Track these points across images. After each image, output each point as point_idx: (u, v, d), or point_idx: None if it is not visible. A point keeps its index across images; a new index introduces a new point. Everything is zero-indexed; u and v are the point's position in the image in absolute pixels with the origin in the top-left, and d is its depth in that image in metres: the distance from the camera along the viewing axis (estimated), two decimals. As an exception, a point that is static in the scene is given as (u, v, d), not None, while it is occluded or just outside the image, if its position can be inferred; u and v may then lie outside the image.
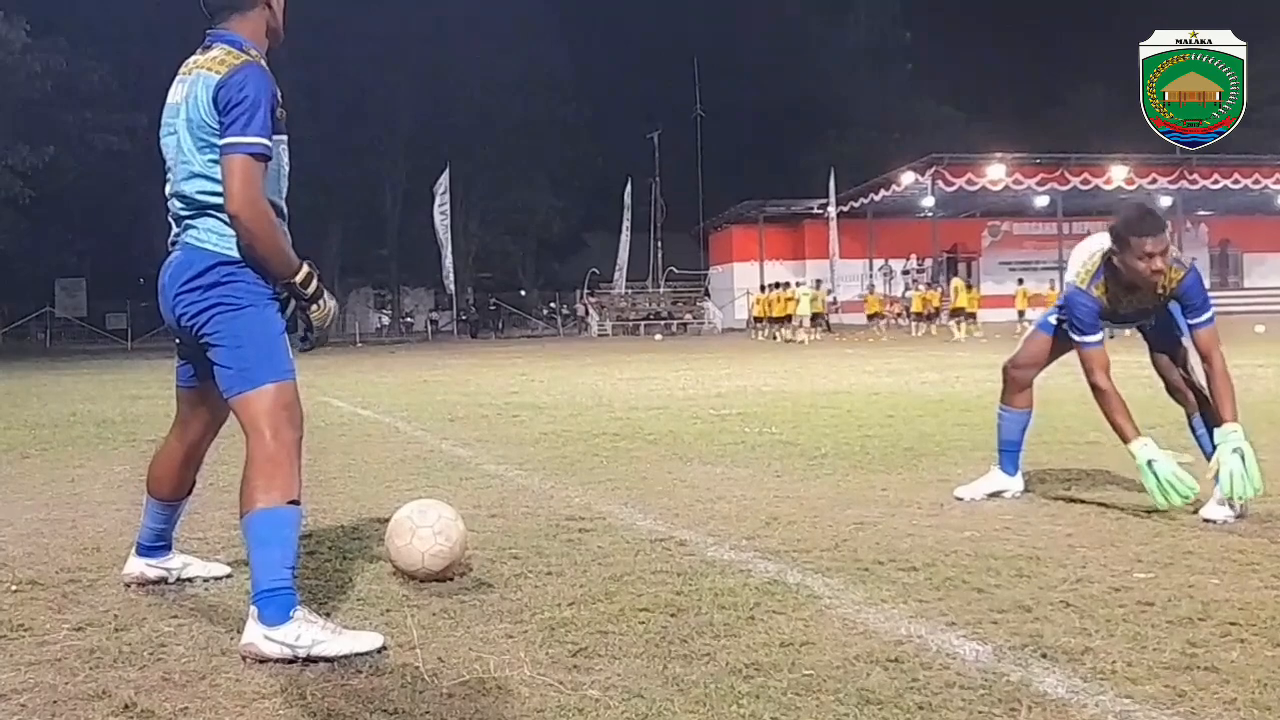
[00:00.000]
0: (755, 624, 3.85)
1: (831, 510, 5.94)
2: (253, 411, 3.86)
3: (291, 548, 3.78)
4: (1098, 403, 5.78)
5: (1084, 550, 4.89)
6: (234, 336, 3.89)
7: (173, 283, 3.98)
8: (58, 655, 3.67)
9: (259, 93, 3.85)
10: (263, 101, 3.85)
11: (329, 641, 3.61)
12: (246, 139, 3.81)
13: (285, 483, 3.79)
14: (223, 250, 3.90)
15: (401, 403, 13.99)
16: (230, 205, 3.81)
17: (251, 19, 4.08)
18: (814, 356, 24.96)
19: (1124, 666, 3.35)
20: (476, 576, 4.61)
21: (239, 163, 3.80)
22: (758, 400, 13.07)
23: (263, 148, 3.83)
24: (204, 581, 4.56)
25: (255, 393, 3.86)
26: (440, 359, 29.26)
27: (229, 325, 3.89)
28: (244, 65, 3.89)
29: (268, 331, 3.93)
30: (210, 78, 3.89)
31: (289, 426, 3.87)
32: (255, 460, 3.81)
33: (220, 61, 3.92)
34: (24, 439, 10.47)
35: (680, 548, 5.07)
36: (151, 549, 4.54)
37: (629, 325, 55.99)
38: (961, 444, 8.32)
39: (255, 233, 3.84)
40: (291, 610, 3.64)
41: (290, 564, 3.75)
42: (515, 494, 6.67)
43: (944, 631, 3.74)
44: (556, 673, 3.40)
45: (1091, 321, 5.78)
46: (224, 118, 3.83)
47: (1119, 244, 5.61)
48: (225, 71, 3.87)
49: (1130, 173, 52.24)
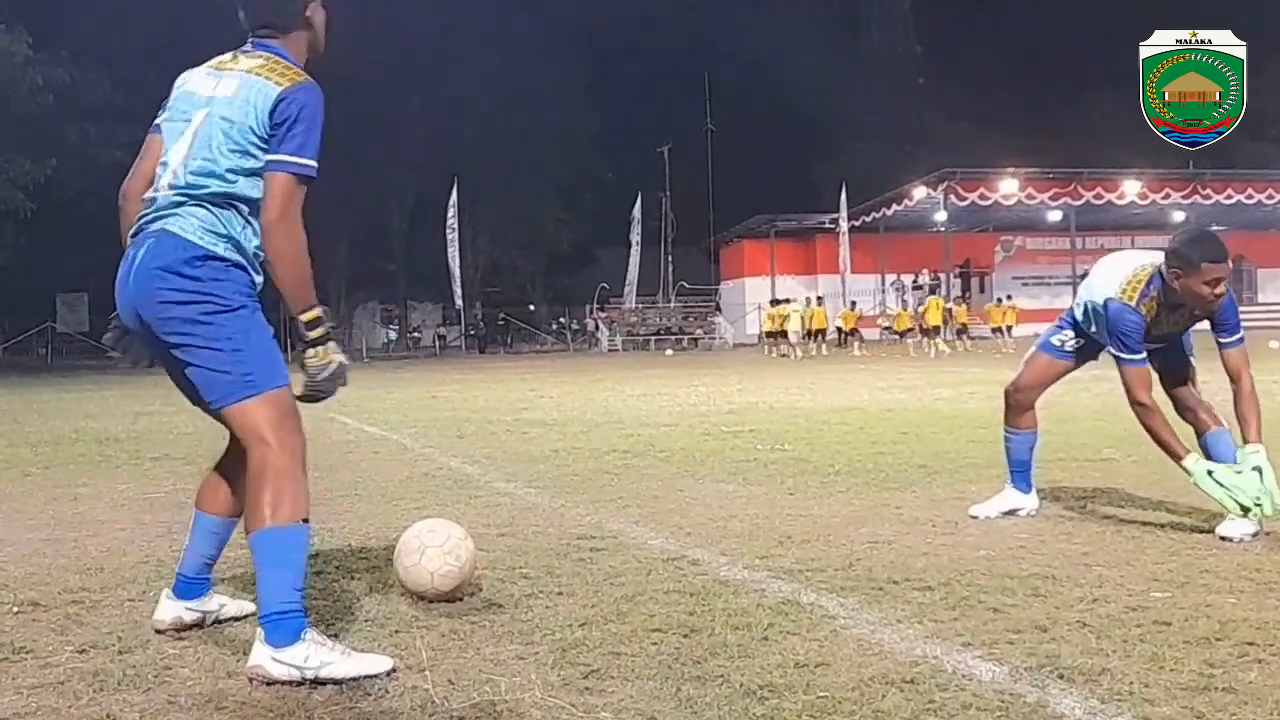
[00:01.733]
0: (769, 645, 3.81)
1: (845, 528, 5.90)
2: (256, 421, 3.71)
3: (301, 569, 3.70)
4: (1142, 422, 5.66)
5: (1100, 569, 4.84)
6: (229, 339, 3.70)
7: (141, 273, 3.74)
8: (61, 678, 3.63)
9: (318, 115, 3.77)
10: (320, 125, 3.76)
11: (338, 663, 3.54)
12: (301, 159, 3.70)
13: (295, 499, 3.68)
14: (208, 246, 3.72)
15: (409, 419, 13.98)
16: (269, 215, 3.68)
17: (293, 39, 3.99)
18: (826, 372, 24.92)
19: (1141, 687, 3.31)
20: (486, 597, 4.57)
21: (288, 181, 3.69)
22: (770, 416, 13.04)
23: (313, 171, 3.73)
24: (236, 622, 4.27)
25: (258, 400, 3.71)
26: (448, 375, 29.29)
27: (223, 327, 3.70)
28: (308, 84, 3.79)
29: (266, 335, 3.79)
30: (270, 86, 3.76)
31: (295, 435, 3.75)
32: (264, 474, 3.67)
33: (280, 73, 3.81)
34: (25, 457, 10.44)
35: (693, 567, 5.04)
36: (192, 584, 4.16)
37: (639, 340, 55.94)
38: (976, 461, 8.28)
39: (288, 252, 3.69)
40: (301, 632, 3.57)
41: (300, 585, 3.66)
42: (525, 512, 6.64)
43: (960, 652, 3.69)
44: (568, 695, 3.36)
45: (1138, 339, 5.64)
46: (278, 130, 3.71)
47: (1185, 266, 5.47)
48: (288, 85, 3.76)
49: (1143, 187, 52.13)
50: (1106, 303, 5.71)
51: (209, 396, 3.77)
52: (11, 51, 42.39)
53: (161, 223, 3.77)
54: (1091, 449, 8.65)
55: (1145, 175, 52.29)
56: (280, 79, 3.78)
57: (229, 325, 3.70)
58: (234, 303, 3.72)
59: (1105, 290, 5.76)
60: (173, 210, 3.77)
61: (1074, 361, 6.25)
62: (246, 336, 3.73)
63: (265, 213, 3.69)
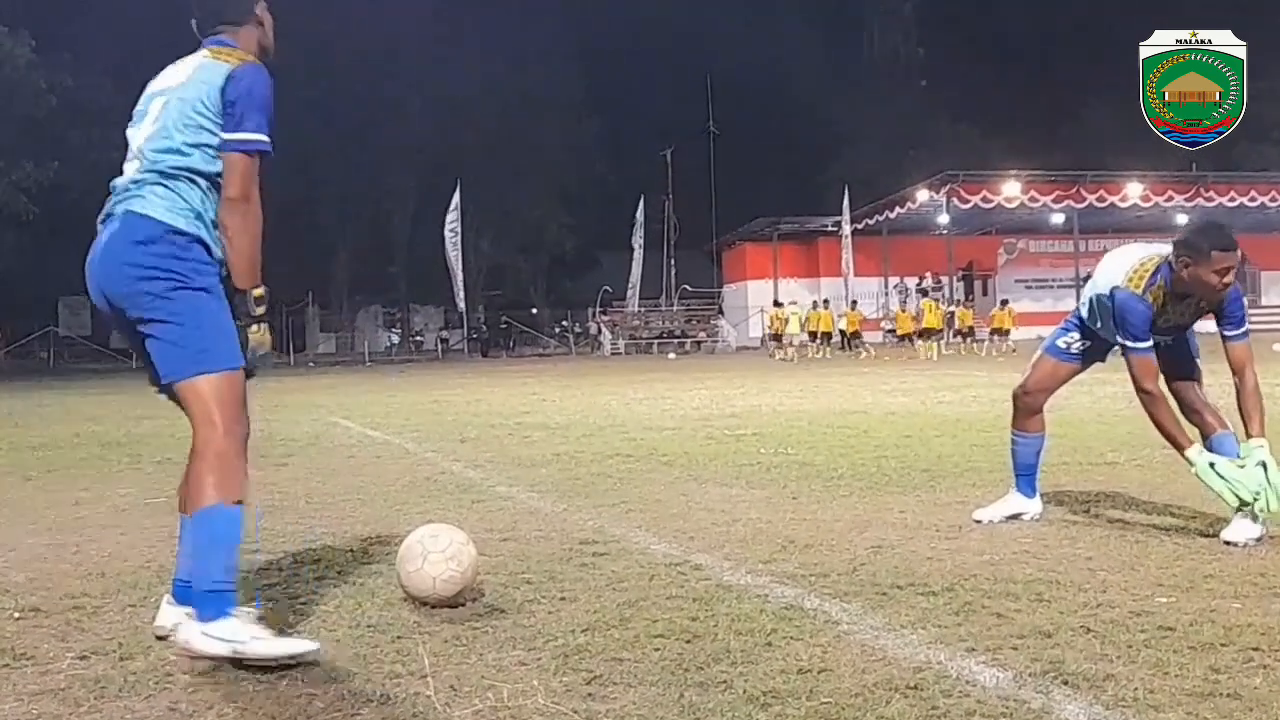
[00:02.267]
0: (773, 650, 3.80)
1: (849, 533, 5.88)
2: (206, 399, 3.83)
3: (236, 550, 3.82)
4: (1147, 410, 5.65)
5: (1104, 574, 4.83)
6: (190, 315, 3.84)
7: (107, 255, 3.91)
8: (62, 685, 3.62)
9: (268, 93, 3.94)
10: (269, 103, 3.93)
11: (266, 640, 3.66)
12: (257, 136, 3.90)
13: (236, 481, 3.81)
14: (170, 221, 3.86)
15: (411, 423, 13.96)
16: (229, 191, 3.86)
17: (242, 35, 4.16)
18: (829, 375, 24.91)
19: (1146, 693, 3.30)
20: (489, 602, 4.56)
21: (245, 160, 3.89)
22: (773, 420, 13.02)
23: (268, 147, 3.91)
24: None
25: (211, 378, 3.83)
26: (451, 378, 29.24)
27: (184, 303, 3.83)
28: (256, 64, 4.00)
29: (224, 315, 3.90)
30: (220, 65, 3.96)
31: (240, 420, 3.89)
32: (206, 455, 3.80)
33: (229, 54, 4.00)
34: (27, 461, 10.44)
35: (696, 572, 5.03)
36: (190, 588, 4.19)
37: (642, 344, 55.91)
38: (979, 465, 8.26)
39: (245, 229, 3.88)
40: (229, 608, 3.67)
41: (232, 565, 3.79)
42: (527, 517, 6.63)
43: (964, 658, 3.68)
44: (571, 701, 3.36)
45: (1145, 327, 5.61)
46: (231, 110, 3.89)
47: (1194, 255, 5.47)
48: (237, 64, 3.95)
49: (1146, 190, 52.11)
50: (1113, 291, 5.69)
51: (164, 370, 3.90)
52: (15, 55, 42.42)
53: (125, 204, 3.95)
54: (1095, 453, 8.64)
55: (1148, 178, 52.27)
56: (230, 59, 3.99)
57: (189, 301, 3.84)
58: (194, 281, 3.85)
59: (1111, 280, 5.73)
60: (136, 191, 3.95)
61: (1081, 364, 6.24)
62: (204, 313, 3.86)
63: (225, 189, 3.88)
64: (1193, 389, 5.95)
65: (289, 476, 8.64)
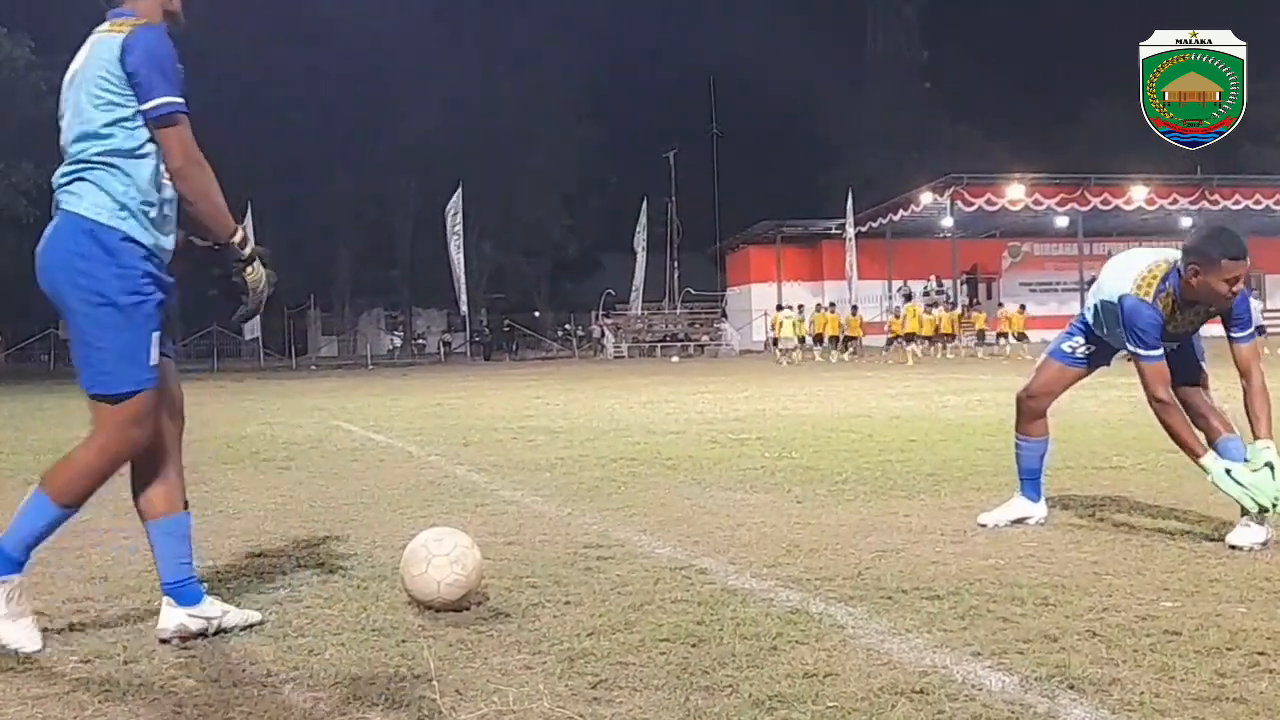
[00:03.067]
0: (778, 654, 3.79)
1: (853, 537, 5.87)
2: (103, 415, 3.99)
3: (38, 536, 4.07)
4: (1160, 418, 5.61)
5: (1109, 578, 4.82)
6: (98, 336, 3.93)
7: (45, 253, 4.05)
8: (66, 689, 3.61)
9: (165, 49, 3.95)
10: (172, 59, 3.94)
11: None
12: (169, 99, 3.90)
13: (81, 492, 4.02)
14: (95, 217, 3.91)
15: (414, 427, 13.94)
16: (173, 164, 3.90)
17: (143, 3, 4.12)
18: (833, 379, 24.90)
19: (1152, 698, 3.30)
20: (493, 606, 4.55)
21: (173, 129, 3.90)
22: (777, 424, 13.01)
23: (184, 106, 3.93)
24: (241, 631, 4.22)
25: (106, 399, 3.97)
26: (453, 381, 29.24)
27: (98, 322, 3.92)
28: (147, 25, 3.98)
29: (135, 334, 3.95)
30: (113, 37, 3.97)
31: (124, 443, 3.99)
32: (77, 457, 4.02)
33: (123, 23, 4.00)
34: (28, 464, 10.36)
35: (700, 576, 5.02)
36: (183, 588, 4.18)
37: (645, 347, 55.95)
38: (984, 469, 8.25)
39: (201, 190, 3.93)
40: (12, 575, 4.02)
41: (31, 544, 4.06)
42: (532, 521, 6.62)
43: (969, 662, 3.68)
44: (576, 705, 3.35)
45: (1156, 335, 5.58)
46: (138, 81, 3.90)
47: (1204, 263, 5.43)
48: (128, 32, 3.95)
49: (1151, 193, 52.13)
50: (1121, 299, 5.64)
51: (78, 376, 4.03)
52: (14, 56, 42.38)
53: (62, 202, 4.02)
54: (1100, 457, 8.63)
55: (1152, 181, 52.27)
56: (122, 29, 3.99)
57: (102, 320, 3.92)
58: (112, 297, 3.91)
59: (1119, 287, 5.69)
60: (66, 187, 4.01)
61: (1085, 368, 6.22)
62: (110, 336, 3.93)
63: (169, 161, 3.92)
64: (1199, 393, 5.92)
65: (292, 480, 8.64)
